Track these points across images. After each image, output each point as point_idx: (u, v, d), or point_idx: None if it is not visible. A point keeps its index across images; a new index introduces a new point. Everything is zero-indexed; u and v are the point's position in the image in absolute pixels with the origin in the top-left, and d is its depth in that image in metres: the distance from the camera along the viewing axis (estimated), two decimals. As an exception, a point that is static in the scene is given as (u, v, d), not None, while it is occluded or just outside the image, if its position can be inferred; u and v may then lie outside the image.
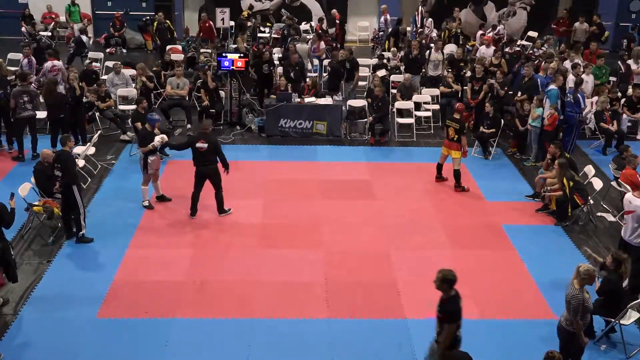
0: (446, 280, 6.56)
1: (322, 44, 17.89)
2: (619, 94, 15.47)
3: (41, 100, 13.32)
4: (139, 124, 12.75)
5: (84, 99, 13.64)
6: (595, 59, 16.88)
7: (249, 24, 21.01)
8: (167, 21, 19.36)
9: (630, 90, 15.38)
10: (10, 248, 8.46)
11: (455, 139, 11.73)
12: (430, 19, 20.64)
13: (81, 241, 9.91)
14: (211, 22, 19.69)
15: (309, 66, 17.04)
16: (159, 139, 10.66)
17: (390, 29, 20.66)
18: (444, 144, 12.10)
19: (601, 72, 16.02)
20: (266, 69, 15.52)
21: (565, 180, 10.60)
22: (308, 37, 19.09)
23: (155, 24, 19.36)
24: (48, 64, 15.04)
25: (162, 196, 11.30)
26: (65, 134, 10.51)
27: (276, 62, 16.69)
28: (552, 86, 13.22)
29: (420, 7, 20.87)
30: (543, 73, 14.50)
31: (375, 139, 14.18)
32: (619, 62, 16.58)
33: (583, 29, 20.55)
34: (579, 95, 13.16)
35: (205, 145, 10.44)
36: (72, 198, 9.70)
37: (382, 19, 21.21)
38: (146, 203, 11.08)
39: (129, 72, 15.58)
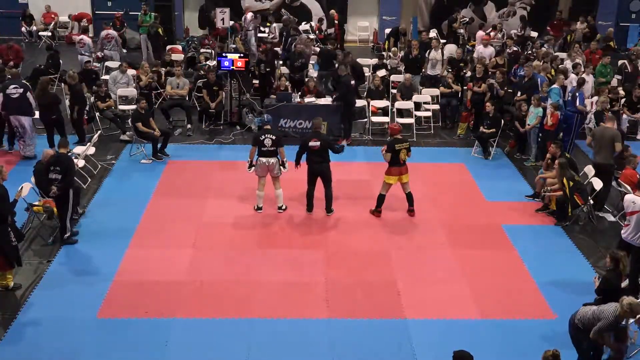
0: None
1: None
2: (623, 93, 15.46)
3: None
4: (139, 124, 12.77)
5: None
6: (596, 58, 16.90)
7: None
8: (159, 27, 19.18)
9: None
10: (8, 233, 8.48)
11: (405, 161, 10.80)
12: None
13: (65, 243, 9.88)
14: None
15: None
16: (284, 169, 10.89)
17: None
18: (392, 172, 10.74)
19: (606, 71, 16.01)
20: (262, 68, 15.56)
21: (565, 180, 10.59)
22: (309, 36, 19.13)
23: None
24: (103, 33, 17.58)
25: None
26: (64, 138, 10.50)
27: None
28: (554, 85, 13.23)
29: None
30: (544, 73, 14.50)
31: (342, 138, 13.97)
32: (626, 62, 16.59)
33: (582, 29, 20.56)
34: (577, 93, 13.16)
35: (318, 143, 10.60)
36: (67, 201, 9.69)
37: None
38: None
39: (131, 72, 15.56)
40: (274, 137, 10.74)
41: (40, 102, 12.88)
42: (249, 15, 19.52)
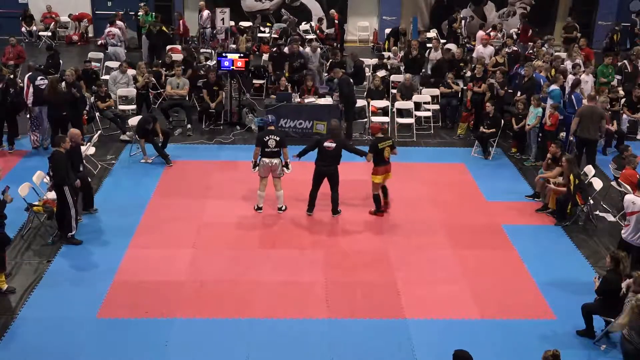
0: None
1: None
2: (623, 93, 15.46)
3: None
4: (142, 141, 12.69)
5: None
6: (586, 58, 16.91)
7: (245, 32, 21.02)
8: (161, 26, 19.21)
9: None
10: None
11: (389, 158, 10.86)
12: None
13: (69, 242, 9.88)
14: (184, 20, 20.56)
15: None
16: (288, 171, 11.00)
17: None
18: (378, 171, 10.78)
19: (608, 71, 16.01)
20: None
21: (572, 177, 10.55)
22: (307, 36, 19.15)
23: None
24: (106, 30, 18.13)
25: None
26: (59, 135, 10.47)
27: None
28: (554, 86, 13.24)
29: None
30: (545, 73, 14.50)
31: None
32: (625, 62, 16.59)
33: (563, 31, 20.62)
34: (573, 96, 13.18)
35: (334, 145, 10.59)
36: (65, 199, 9.69)
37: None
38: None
39: (131, 72, 15.54)
40: (277, 138, 10.76)
41: (51, 99, 12.84)
42: (205, 13, 19.88)
